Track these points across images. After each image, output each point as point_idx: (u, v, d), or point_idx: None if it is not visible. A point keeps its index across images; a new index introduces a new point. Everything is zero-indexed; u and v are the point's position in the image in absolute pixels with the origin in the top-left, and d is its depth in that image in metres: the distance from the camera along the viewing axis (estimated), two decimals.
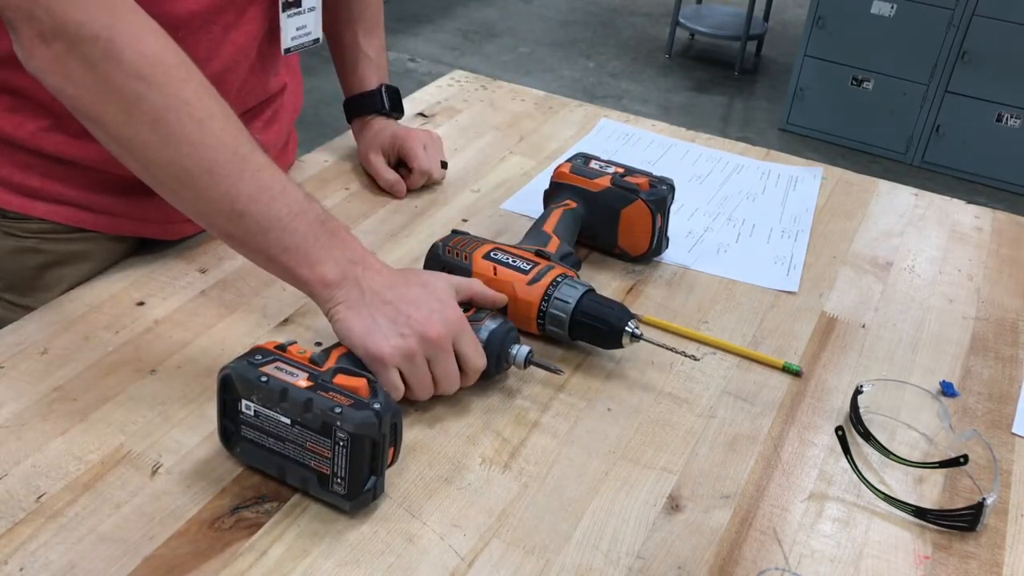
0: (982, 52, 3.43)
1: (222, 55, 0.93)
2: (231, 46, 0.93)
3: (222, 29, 0.92)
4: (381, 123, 1.20)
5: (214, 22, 0.91)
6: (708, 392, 0.89)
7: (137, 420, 0.79)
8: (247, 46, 0.96)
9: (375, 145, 1.18)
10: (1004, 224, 1.24)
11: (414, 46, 4.40)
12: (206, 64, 0.89)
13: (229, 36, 0.93)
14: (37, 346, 0.86)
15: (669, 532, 0.74)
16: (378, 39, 1.20)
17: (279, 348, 0.74)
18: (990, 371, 0.96)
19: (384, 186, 1.16)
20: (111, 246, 0.98)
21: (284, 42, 0.99)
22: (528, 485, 0.77)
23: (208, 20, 0.90)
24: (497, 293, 0.88)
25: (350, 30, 1.18)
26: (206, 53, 0.90)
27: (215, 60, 0.92)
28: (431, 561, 0.69)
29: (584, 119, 1.40)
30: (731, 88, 4.31)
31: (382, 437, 0.70)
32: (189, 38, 0.88)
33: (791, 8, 5.08)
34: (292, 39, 1.00)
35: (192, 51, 0.78)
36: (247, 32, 0.95)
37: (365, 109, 1.20)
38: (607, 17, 4.98)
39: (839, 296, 1.05)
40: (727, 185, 1.26)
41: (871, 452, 0.84)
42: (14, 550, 0.67)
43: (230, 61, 0.94)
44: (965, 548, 0.75)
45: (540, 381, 0.88)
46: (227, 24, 0.92)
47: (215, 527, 0.70)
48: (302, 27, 1.00)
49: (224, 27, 0.92)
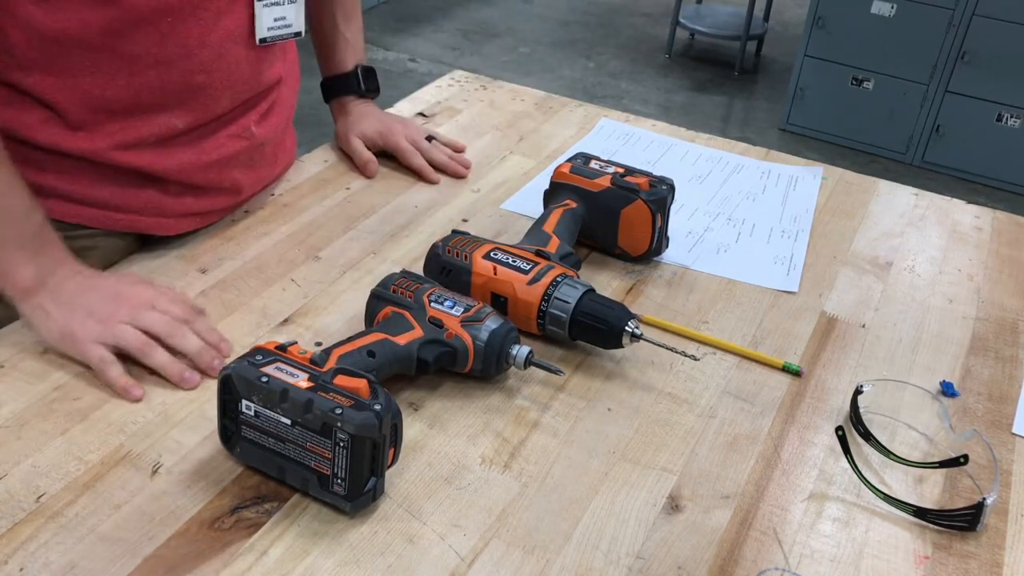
0: (982, 52, 3.43)
1: (211, 41, 0.93)
2: (221, 32, 0.94)
3: (213, 16, 0.92)
4: (361, 108, 1.25)
5: (205, 8, 0.91)
6: (708, 392, 0.89)
7: (137, 420, 0.79)
8: (237, 33, 0.96)
9: (356, 130, 1.22)
10: (1004, 224, 1.23)
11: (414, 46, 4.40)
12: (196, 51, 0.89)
13: (220, 23, 0.93)
14: (37, 346, 0.86)
15: (669, 532, 0.74)
16: (356, 22, 1.25)
17: (279, 348, 0.74)
18: (990, 371, 0.96)
19: (358, 163, 1.21)
20: (110, 242, 0.98)
21: (259, 31, 0.99)
22: (528, 485, 0.77)
23: (198, 6, 0.90)
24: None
25: (329, 12, 1.21)
26: (197, 39, 0.90)
27: (205, 47, 0.92)
28: (431, 561, 0.69)
29: (584, 119, 1.40)
30: (731, 88, 4.31)
31: (382, 438, 0.70)
32: (179, 24, 0.88)
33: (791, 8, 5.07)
34: (268, 29, 1.00)
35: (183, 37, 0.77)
36: (237, 18, 0.95)
37: (342, 90, 1.25)
38: (607, 17, 4.98)
39: (839, 296, 1.05)
40: (727, 185, 1.26)
41: (871, 452, 0.84)
42: (14, 550, 0.67)
43: (220, 48, 0.94)
44: (965, 548, 0.75)
45: (540, 381, 0.88)
46: (218, 11, 0.93)
47: (215, 527, 0.70)
48: (280, 18, 1.00)
49: (215, 13, 0.92)
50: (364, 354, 0.80)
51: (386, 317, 0.85)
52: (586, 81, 4.24)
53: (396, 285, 0.87)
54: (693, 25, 4.43)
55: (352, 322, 0.92)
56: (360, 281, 0.99)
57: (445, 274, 0.93)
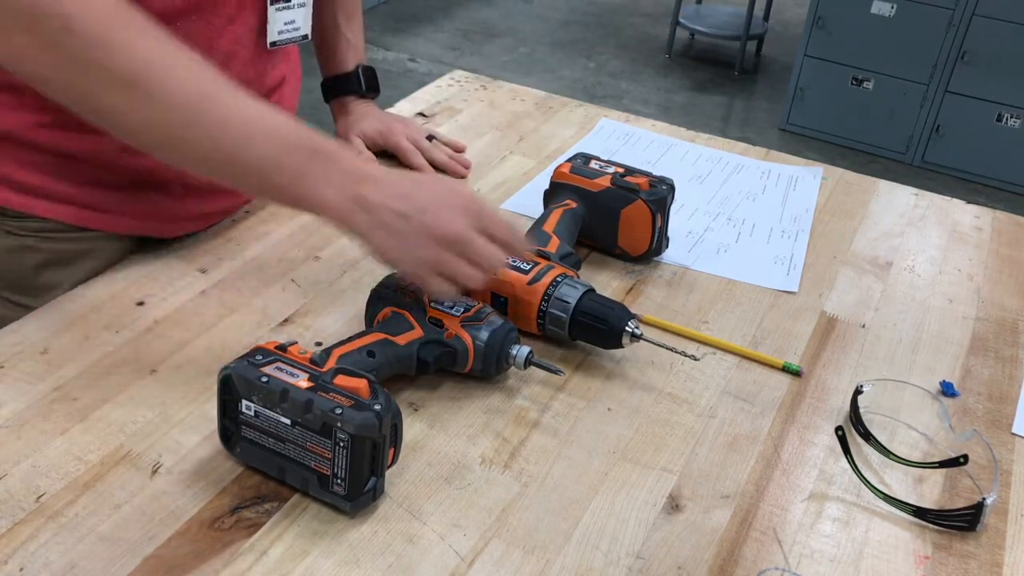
0: (982, 52, 3.43)
1: (221, 46, 0.93)
2: (231, 36, 0.94)
3: (224, 21, 0.92)
4: (361, 108, 1.24)
5: (216, 13, 0.91)
6: (708, 392, 0.89)
7: (137, 420, 0.79)
8: (246, 37, 0.96)
9: (357, 130, 1.22)
10: (1004, 224, 1.23)
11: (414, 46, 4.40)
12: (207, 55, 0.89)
13: (230, 27, 0.93)
14: (37, 346, 0.86)
15: (669, 532, 0.74)
16: (357, 22, 1.25)
17: (279, 348, 0.74)
18: (990, 371, 0.96)
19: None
20: (111, 245, 0.98)
21: (270, 35, 0.99)
22: (528, 485, 0.77)
23: (209, 11, 0.90)
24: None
25: (330, 12, 1.21)
26: (207, 43, 0.90)
27: (215, 51, 0.92)
28: (431, 561, 0.69)
29: (584, 119, 1.40)
30: (731, 88, 4.31)
31: (382, 438, 0.70)
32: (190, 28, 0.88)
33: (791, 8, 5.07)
34: (279, 33, 1.00)
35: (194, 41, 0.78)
36: (246, 22, 0.95)
37: (343, 90, 1.25)
38: (607, 17, 4.98)
39: (839, 296, 1.05)
40: (727, 185, 1.26)
41: (871, 452, 0.84)
42: (14, 550, 0.67)
43: (229, 51, 0.94)
44: (965, 548, 0.75)
45: (540, 381, 0.88)
46: (228, 16, 0.92)
47: (215, 527, 0.70)
48: (290, 22, 1.00)
49: (226, 19, 0.92)
50: (364, 354, 0.80)
51: (386, 317, 0.85)
52: (586, 81, 4.24)
53: (396, 285, 0.87)
54: (693, 25, 4.43)
55: (352, 322, 0.92)
56: (360, 281, 0.99)
57: None
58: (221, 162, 0.78)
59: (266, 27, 0.99)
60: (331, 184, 0.79)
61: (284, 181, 0.78)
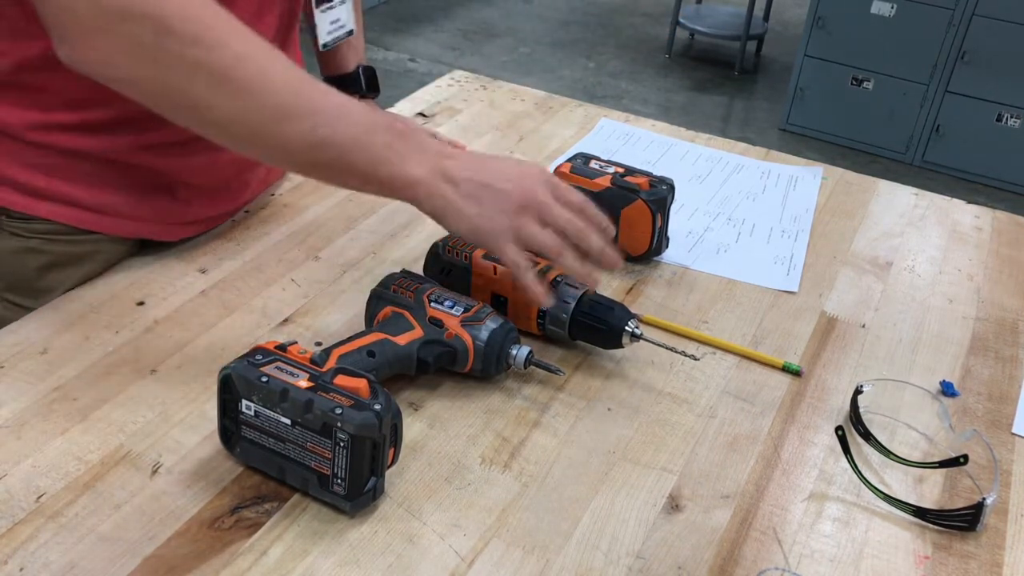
0: (982, 52, 3.43)
1: None
2: None
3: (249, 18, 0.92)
4: None
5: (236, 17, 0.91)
6: (708, 392, 0.89)
7: (137, 420, 0.79)
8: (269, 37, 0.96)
9: None
10: (1004, 224, 1.24)
11: (414, 46, 4.40)
12: None
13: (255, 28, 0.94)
14: (37, 346, 0.86)
15: (669, 532, 0.74)
16: (358, 24, 1.23)
17: (279, 348, 0.74)
18: (990, 371, 0.96)
19: None
20: (113, 247, 0.98)
21: (321, 38, 0.99)
22: (528, 485, 0.77)
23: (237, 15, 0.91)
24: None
25: None
26: None
27: None
28: (431, 561, 0.69)
29: (584, 119, 1.40)
30: (731, 88, 4.31)
31: (382, 438, 0.70)
32: None
33: (791, 8, 5.08)
34: (328, 34, 1.00)
35: None
36: (268, 26, 0.96)
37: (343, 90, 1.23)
38: (607, 17, 4.98)
39: (839, 296, 1.05)
40: (727, 185, 1.26)
41: (871, 452, 0.84)
42: (14, 550, 0.67)
43: None
44: (965, 548, 0.75)
45: (540, 381, 0.88)
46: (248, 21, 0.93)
47: (215, 527, 0.70)
48: (336, 20, 1.01)
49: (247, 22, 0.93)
50: (364, 354, 0.80)
51: (386, 317, 0.85)
52: (586, 81, 4.24)
53: (396, 285, 0.87)
54: (693, 25, 4.43)
55: (352, 322, 0.92)
56: (360, 281, 0.99)
57: (445, 274, 0.93)
58: (308, 148, 0.80)
59: (287, 26, 0.99)
60: (418, 160, 0.82)
61: (372, 161, 0.81)
